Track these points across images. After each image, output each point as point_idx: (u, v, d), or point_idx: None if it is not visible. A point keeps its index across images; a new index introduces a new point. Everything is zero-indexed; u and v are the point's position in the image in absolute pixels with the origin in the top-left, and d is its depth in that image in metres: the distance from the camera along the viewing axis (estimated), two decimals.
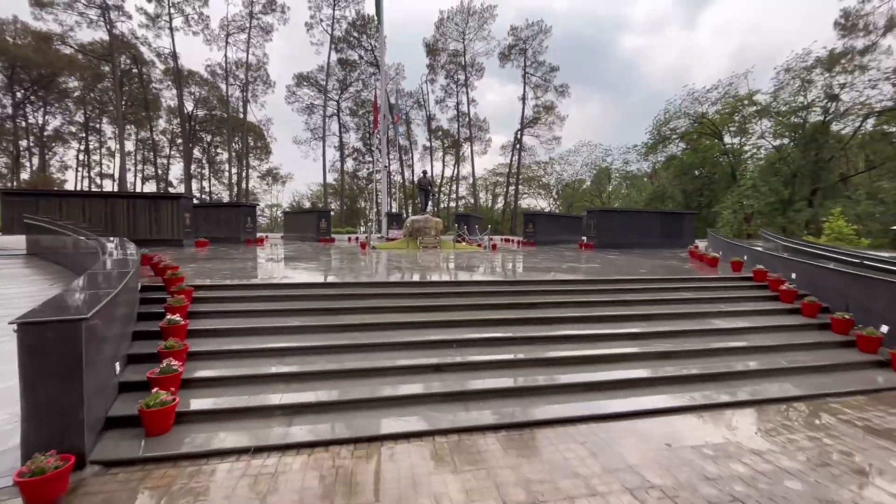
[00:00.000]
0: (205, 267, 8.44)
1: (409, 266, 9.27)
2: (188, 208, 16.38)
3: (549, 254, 14.70)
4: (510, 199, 50.51)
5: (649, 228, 20.05)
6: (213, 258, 10.66)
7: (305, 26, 43.73)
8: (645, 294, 7.07)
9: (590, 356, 5.05)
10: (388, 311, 5.85)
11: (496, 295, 6.57)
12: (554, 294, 6.80)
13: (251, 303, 5.84)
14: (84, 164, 53.77)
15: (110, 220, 15.50)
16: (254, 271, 7.94)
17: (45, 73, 42.98)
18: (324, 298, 6.10)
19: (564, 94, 46.60)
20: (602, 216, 19.45)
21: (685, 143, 36.96)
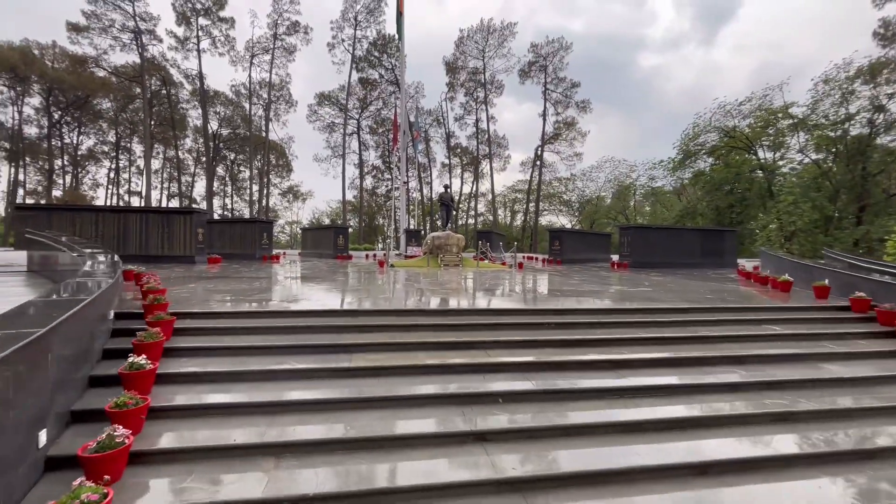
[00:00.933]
0: (205, 288, 7.42)
1: (431, 287, 8.10)
2: (201, 224, 15.63)
3: (584, 274, 13.32)
4: (530, 216, 49.15)
5: (688, 246, 18.46)
6: (221, 276, 9.69)
7: (327, 46, 44.07)
8: (725, 328, 5.68)
9: (684, 419, 3.71)
10: (409, 348, 4.64)
11: (543, 328, 5.31)
12: (616, 327, 5.48)
13: (244, 336, 4.71)
14: (114, 182, 54.94)
15: (122, 235, 14.84)
16: (258, 294, 6.87)
17: (80, 95, 44.24)
18: (332, 331, 4.93)
19: (586, 109, 45.48)
20: (637, 233, 17.97)
21: (714, 158, 35.22)
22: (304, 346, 4.50)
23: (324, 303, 6.12)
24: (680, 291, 8.39)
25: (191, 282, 8.37)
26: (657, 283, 10.05)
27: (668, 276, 12.61)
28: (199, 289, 7.27)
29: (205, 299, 6.10)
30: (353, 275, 11.65)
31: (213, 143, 51.97)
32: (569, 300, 6.79)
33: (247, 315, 5.23)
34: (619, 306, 6.29)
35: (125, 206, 21.18)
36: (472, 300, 6.69)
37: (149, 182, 40.82)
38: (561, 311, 5.81)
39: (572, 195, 48.58)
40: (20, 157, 49.10)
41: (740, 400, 4.07)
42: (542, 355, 4.66)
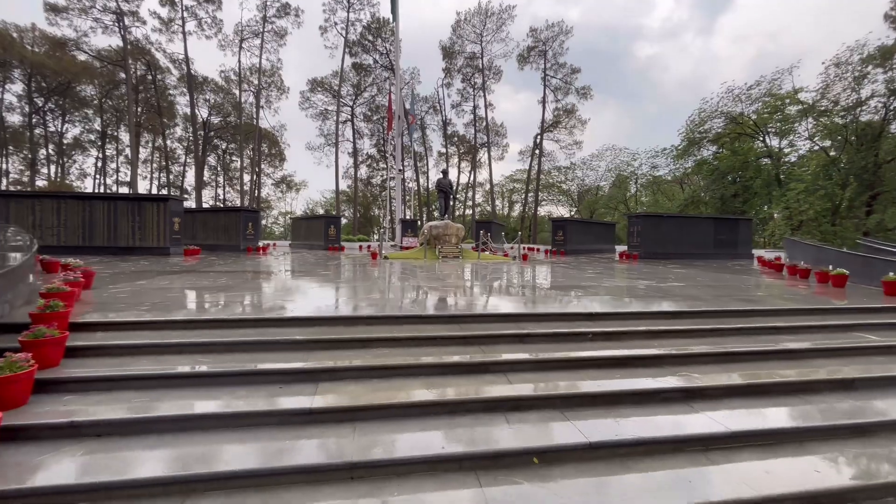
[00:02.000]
0: (158, 286, 6.05)
1: (429, 284, 6.77)
2: (177, 212, 14.16)
3: (595, 266, 12.02)
4: (529, 207, 47.77)
5: (701, 236, 17.20)
6: (189, 271, 8.31)
7: (319, 30, 42.12)
8: (809, 337, 4.38)
9: (822, 496, 2.41)
10: (399, 373, 3.31)
11: (578, 340, 3.99)
12: (668, 338, 4.16)
13: (170, 357, 3.36)
14: (101, 172, 52.92)
15: (88, 225, 13.35)
16: (216, 294, 5.52)
17: (62, 81, 42.13)
18: (294, 348, 3.59)
19: (587, 96, 43.87)
20: (648, 222, 16.67)
21: (719, 146, 33.88)
22: (251, 375, 3.15)
23: (293, 306, 4.77)
24: (718, 287, 7.11)
25: (145, 277, 6.98)
26: (684, 277, 8.76)
27: (689, 268, 11.33)
28: (149, 287, 5.90)
29: (139, 303, 4.73)
30: (341, 268, 10.28)
31: (204, 132, 50.05)
32: (595, 300, 5.48)
33: (182, 325, 3.86)
34: (662, 308, 4.99)
35: (90, 193, 19.60)
36: (479, 301, 5.36)
37: (134, 171, 39.03)
38: (594, 316, 4.50)
39: (572, 185, 47.17)
40: (2, 146, 47.07)
41: (877, 449, 2.78)
42: (583, 379, 3.34)
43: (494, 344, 3.81)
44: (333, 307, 4.71)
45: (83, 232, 13.27)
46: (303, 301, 5.11)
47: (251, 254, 16.94)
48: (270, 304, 4.89)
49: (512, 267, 11.68)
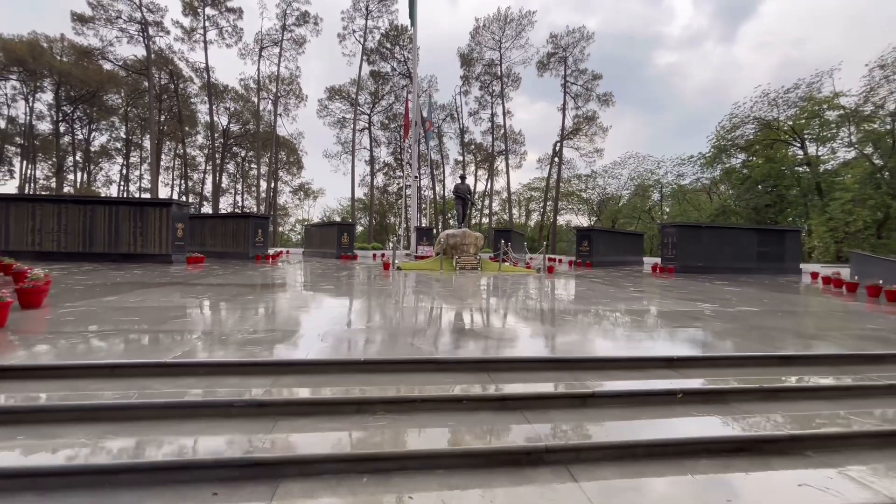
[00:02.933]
0: (125, 304, 5.03)
1: (446, 303, 5.60)
2: (181, 218, 13.35)
3: (630, 281, 10.65)
4: (548, 216, 46.30)
5: (743, 248, 15.63)
6: (177, 283, 7.33)
7: (338, 37, 41.86)
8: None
9: None
10: (408, 466, 2.14)
11: (653, 401, 2.75)
12: (786, 400, 2.88)
13: (59, 430, 2.27)
14: (126, 179, 53.62)
15: (89, 230, 12.62)
16: (184, 318, 4.47)
17: (88, 90, 42.78)
18: (248, 412, 2.45)
19: (608, 102, 42.45)
20: (684, 233, 15.20)
21: (750, 153, 32.00)
22: (175, 470, 2.01)
23: (270, 339, 3.64)
24: (805, 314, 5.76)
25: (121, 291, 6.00)
26: (746, 297, 7.38)
27: (741, 286, 9.88)
28: (113, 306, 4.87)
29: (80, 330, 3.68)
30: (348, 281, 9.19)
31: (223, 140, 50.31)
32: (660, 332, 4.21)
33: (105, 372, 2.76)
34: (768, 351, 3.67)
35: (92, 197, 19.11)
36: (511, 332, 4.13)
37: (155, 178, 39.12)
38: (677, 362, 3.22)
39: (592, 193, 45.54)
40: (33, 153, 48.08)
41: None
42: (694, 480, 2.11)
43: (544, 409, 2.59)
44: (321, 341, 3.58)
45: (83, 238, 12.55)
46: (285, 329, 3.99)
47: (259, 262, 16.07)
48: (243, 335, 3.77)
49: (537, 281, 10.41)
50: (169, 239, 12.74)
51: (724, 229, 15.94)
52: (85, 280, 7.51)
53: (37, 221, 12.45)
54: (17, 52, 39.51)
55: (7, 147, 47.78)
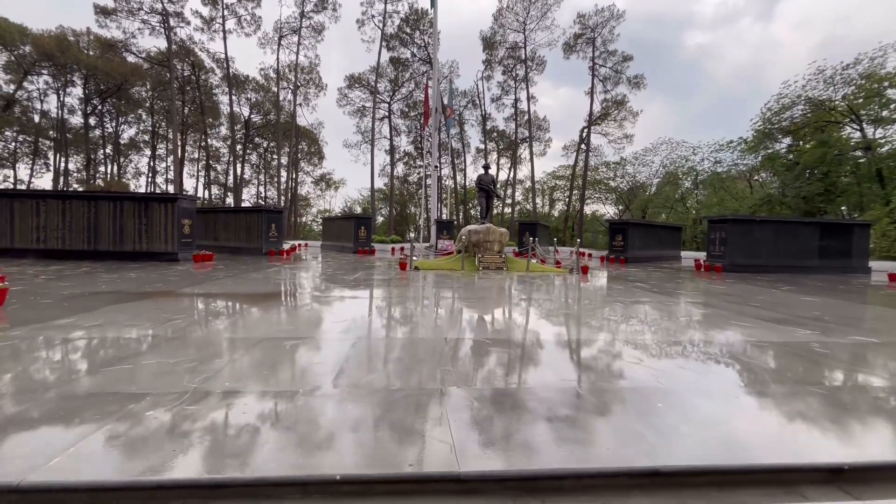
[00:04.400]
0: (72, 334, 4.06)
1: (469, 327, 4.44)
2: (187, 213, 12.54)
3: (683, 285, 9.17)
4: (573, 205, 44.30)
5: (803, 245, 13.83)
6: (163, 293, 6.39)
7: (357, 23, 40.58)
8: None
9: None
10: None
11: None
12: None
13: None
14: (153, 171, 54.31)
15: (94, 227, 11.96)
16: (125, 362, 3.45)
17: (114, 83, 43.03)
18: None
19: (639, 85, 39.86)
20: (736, 228, 13.48)
21: (797, 137, 29.27)
22: None
23: (214, 418, 2.56)
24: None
25: (85, 308, 5.06)
26: (843, 315, 5.90)
27: (814, 292, 8.29)
28: (45, 337, 3.90)
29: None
30: (358, 286, 8.11)
31: (245, 131, 50.12)
32: (782, 400, 2.92)
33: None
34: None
35: (96, 192, 18.68)
36: (564, 394, 2.92)
37: (178, 170, 39.13)
38: (849, 476, 1.97)
39: (622, 181, 43.19)
40: (65, 147, 49.08)
41: None
42: None
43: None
44: (292, 403, 2.46)
45: (88, 235, 11.90)
46: (249, 389, 2.90)
47: (273, 258, 15.25)
48: (178, 408, 2.70)
49: (574, 284, 9.07)
50: (175, 236, 11.96)
51: (782, 223, 14.11)
52: (65, 287, 6.66)
53: (41, 218, 11.86)
54: (46, 47, 39.89)
55: (42, 141, 48.99)
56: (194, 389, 2.60)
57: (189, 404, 2.38)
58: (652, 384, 2.89)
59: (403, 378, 2.86)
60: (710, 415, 2.50)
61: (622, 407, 2.56)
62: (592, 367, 3.28)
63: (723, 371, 3.31)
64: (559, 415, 2.39)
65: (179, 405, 2.36)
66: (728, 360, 3.57)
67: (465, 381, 2.82)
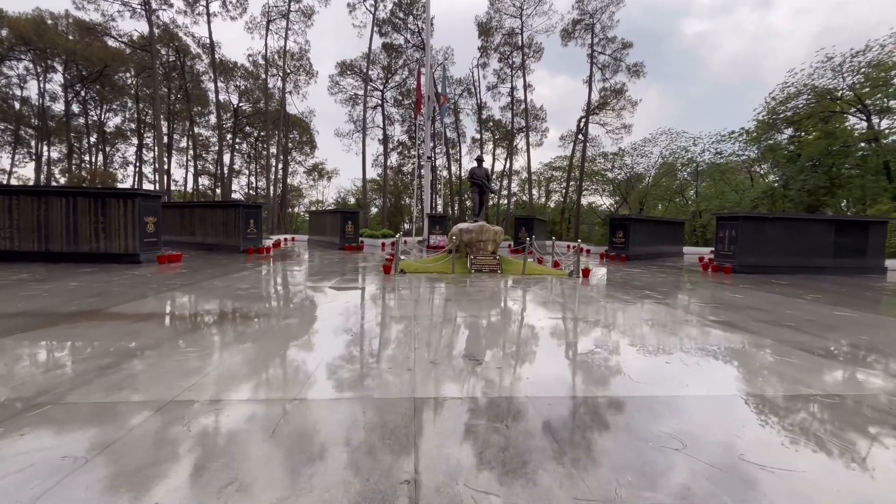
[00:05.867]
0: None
1: (462, 361, 3.42)
2: (152, 211, 11.33)
3: (695, 292, 8.14)
4: (570, 197, 43.20)
5: (817, 244, 12.86)
6: (96, 312, 5.29)
7: (348, 7, 38.73)
8: None
9: None
10: None
11: None
12: None
13: None
14: (141, 160, 52.49)
15: (45, 226, 10.73)
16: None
17: (95, 69, 41.09)
18: None
19: (639, 73, 38.45)
20: (747, 225, 12.47)
21: (799, 128, 28.21)
22: None
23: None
24: None
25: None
26: (892, 337, 4.92)
27: (840, 302, 7.29)
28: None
29: None
30: (328, 296, 7.01)
31: (234, 119, 48.38)
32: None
33: None
34: None
35: (47, 187, 17.38)
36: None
37: (160, 157, 37.52)
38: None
39: (619, 173, 42.07)
40: (48, 135, 47.18)
41: None
42: None
43: None
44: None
45: (39, 235, 10.69)
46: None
47: (252, 256, 14.10)
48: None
49: (575, 292, 8.02)
50: (136, 236, 10.77)
51: (795, 221, 13.10)
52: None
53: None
54: (22, 30, 37.85)
55: (25, 129, 47.05)
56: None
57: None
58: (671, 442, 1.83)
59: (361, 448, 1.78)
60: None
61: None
62: (632, 465, 2.21)
63: (823, 459, 2.26)
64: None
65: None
66: (827, 436, 2.52)
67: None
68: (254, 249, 14.96)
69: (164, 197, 13.67)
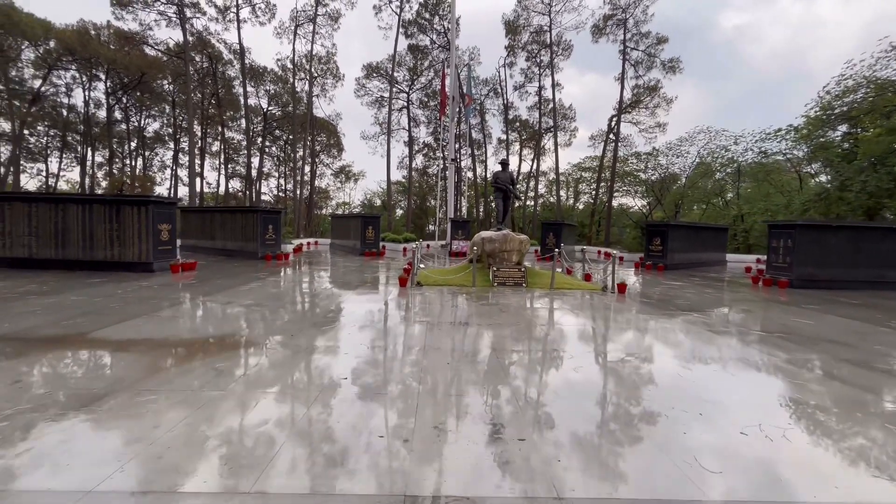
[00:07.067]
0: None
1: (470, 428, 2.63)
2: (167, 218, 11.03)
3: (754, 315, 6.92)
4: (601, 198, 41.42)
5: (888, 255, 11.28)
6: (78, 334, 4.80)
7: (373, 9, 38.48)
8: None
9: None
10: None
11: None
12: None
13: None
14: (177, 164, 54.18)
15: (62, 233, 10.60)
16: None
17: (135, 77, 42.57)
18: None
19: (675, 69, 36.36)
20: (806, 235, 11.02)
21: (859, 124, 25.70)
22: None
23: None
24: None
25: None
26: None
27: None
28: None
29: None
30: (332, 320, 6.33)
31: (264, 123, 49.16)
32: None
33: None
34: None
35: (64, 194, 17.43)
36: None
37: (192, 162, 38.35)
38: None
39: (653, 173, 39.94)
40: (93, 141, 49.33)
41: None
42: None
43: None
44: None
45: (56, 242, 10.56)
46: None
47: (269, 262, 13.72)
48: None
49: (613, 310, 7.02)
50: (150, 243, 10.47)
51: (862, 229, 11.51)
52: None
53: (6, 223, 10.57)
54: (68, 41, 39.57)
55: (72, 135, 49.37)
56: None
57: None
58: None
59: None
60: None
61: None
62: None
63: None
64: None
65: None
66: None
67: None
68: (272, 256, 14.58)
69: (181, 202, 13.54)
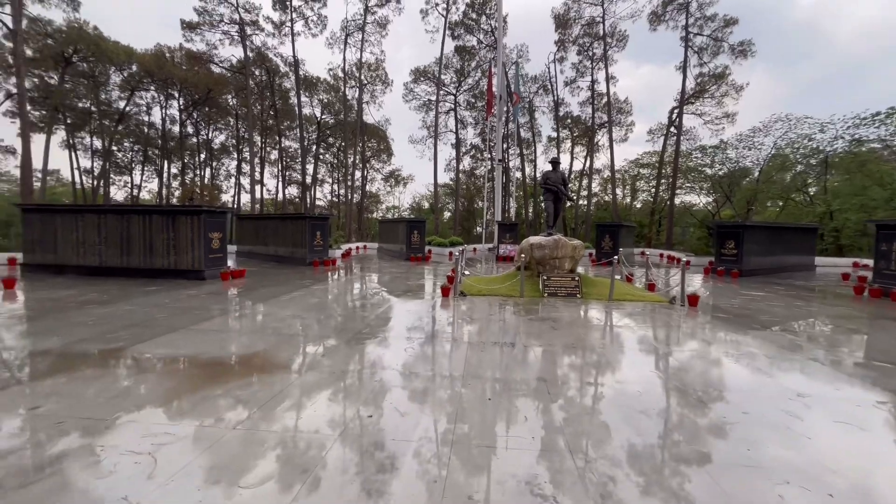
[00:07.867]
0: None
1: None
2: (218, 226, 11.30)
3: (881, 336, 5.60)
4: (661, 196, 38.58)
5: None
6: (112, 350, 4.76)
7: (420, 13, 38.58)
8: None
9: None
10: None
11: None
12: None
13: None
14: (240, 172, 57.78)
15: (127, 242, 11.19)
16: None
17: (202, 94, 45.87)
18: None
19: (746, 53, 33.00)
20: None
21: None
22: None
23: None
24: None
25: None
26: None
27: None
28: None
29: None
30: (369, 335, 5.90)
31: (318, 131, 51.04)
32: None
33: None
34: None
35: (128, 205, 18.47)
36: None
37: (252, 171, 40.50)
38: None
39: (720, 168, 36.53)
40: (169, 154, 53.87)
41: None
42: None
43: None
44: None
45: (121, 250, 11.16)
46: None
47: (317, 269, 13.79)
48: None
49: (685, 327, 6.01)
50: (202, 251, 10.76)
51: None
52: (14, 331, 5.29)
53: (80, 233, 11.34)
54: (147, 65, 43.41)
55: (152, 150, 54.27)
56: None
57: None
58: None
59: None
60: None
61: None
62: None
63: None
64: None
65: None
66: None
67: None
68: (319, 262, 14.66)
69: (241, 209, 14.06)
